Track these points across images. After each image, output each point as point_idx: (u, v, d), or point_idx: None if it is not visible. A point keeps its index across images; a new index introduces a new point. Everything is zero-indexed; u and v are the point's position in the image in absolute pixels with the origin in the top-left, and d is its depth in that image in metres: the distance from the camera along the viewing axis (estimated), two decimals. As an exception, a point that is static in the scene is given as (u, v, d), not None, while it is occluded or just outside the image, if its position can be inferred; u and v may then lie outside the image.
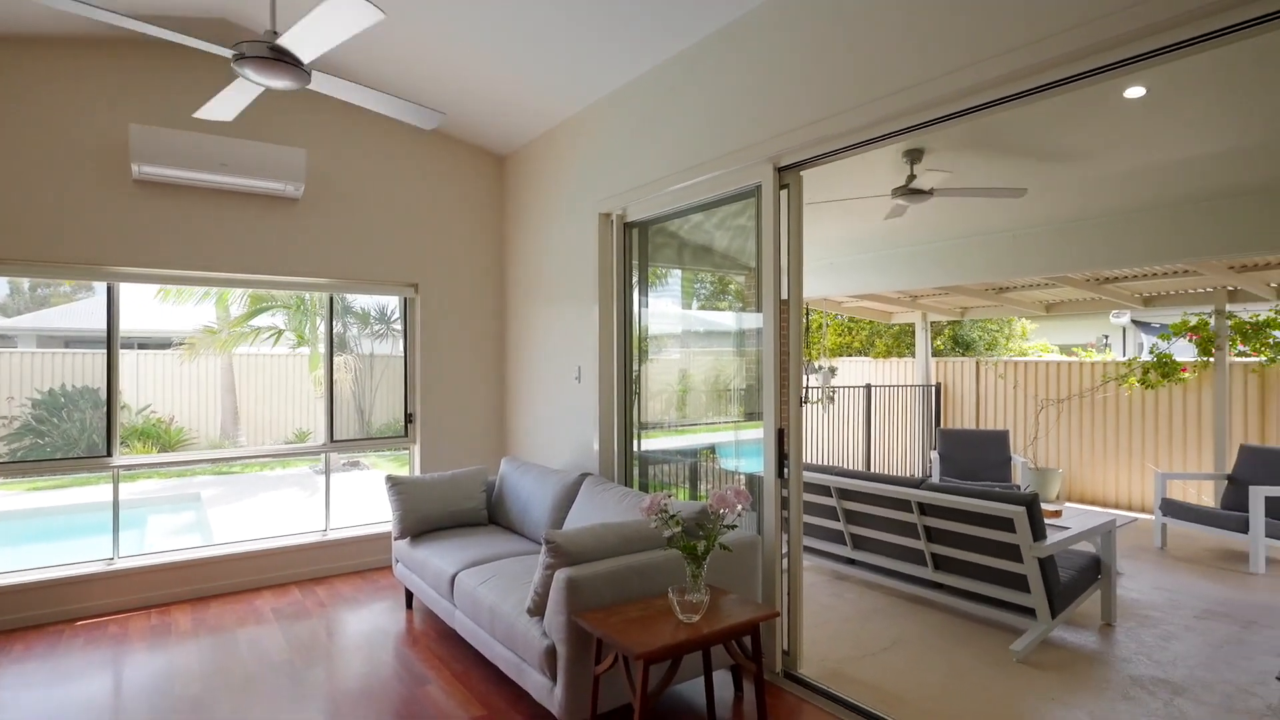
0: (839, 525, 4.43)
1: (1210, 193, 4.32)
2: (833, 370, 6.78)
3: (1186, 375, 6.56)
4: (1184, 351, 6.83)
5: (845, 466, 8.17)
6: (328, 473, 4.88)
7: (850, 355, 10.57)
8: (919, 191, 4.13)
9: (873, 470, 8.20)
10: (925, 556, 3.98)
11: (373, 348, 6.28)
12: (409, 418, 4.98)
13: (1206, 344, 6.25)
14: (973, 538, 3.70)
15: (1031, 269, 5.10)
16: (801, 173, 3.08)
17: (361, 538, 4.70)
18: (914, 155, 4.04)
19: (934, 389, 8.65)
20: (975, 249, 5.49)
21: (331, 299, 4.79)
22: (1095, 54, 2.00)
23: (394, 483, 3.95)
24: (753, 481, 3.31)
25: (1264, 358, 6.07)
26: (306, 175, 4.26)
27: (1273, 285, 5.85)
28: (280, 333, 9.62)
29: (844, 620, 3.91)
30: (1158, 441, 6.85)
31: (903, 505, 3.97)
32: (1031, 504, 3.46)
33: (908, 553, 4.11)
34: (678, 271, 4.06)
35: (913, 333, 9.01)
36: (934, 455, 6.94)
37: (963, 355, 9.55)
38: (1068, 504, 7.26)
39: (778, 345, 3.01)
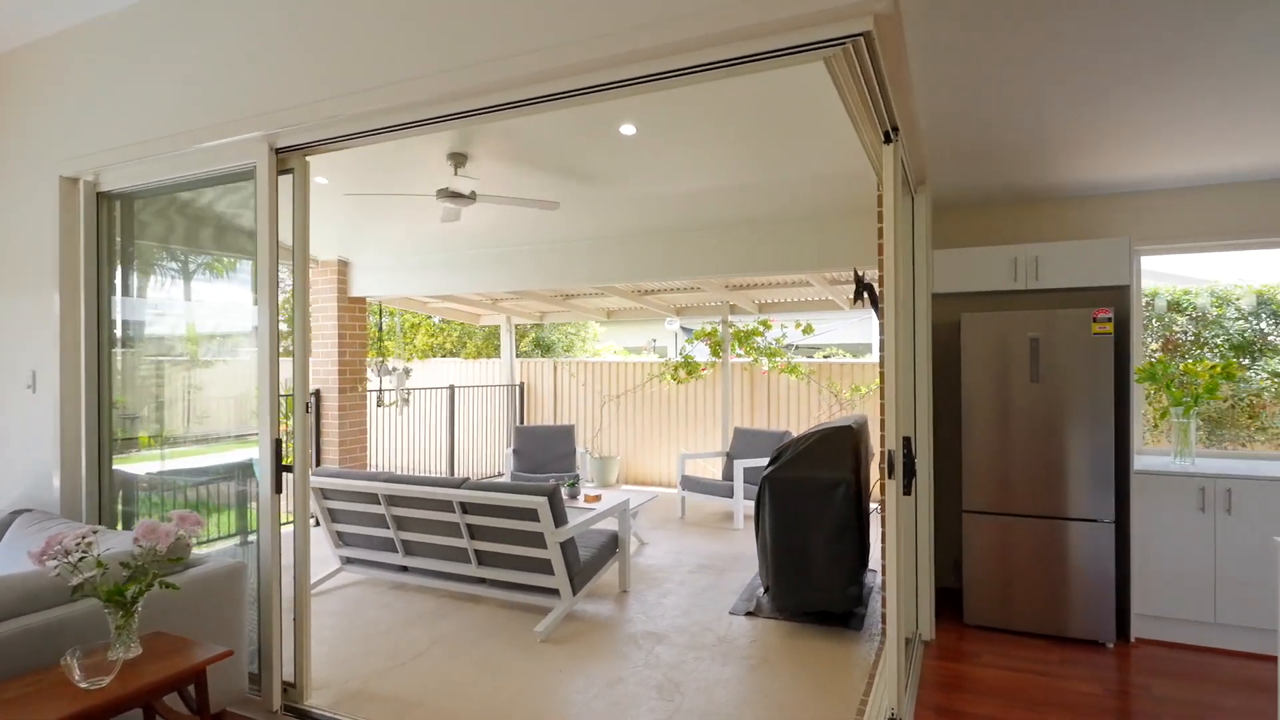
0: (390, 533, 4.27)
1: (710, 221, 5.29)
2: (407, 371, 6.61)
3: (705, 373, 8.05)
4: (706, 353, 8.36)
5: (422, 471, 8.06)
6: None
7: (443, 356, 10.58)
8: (461, 195, 4.20)
9: (457, 470, 8.27)
10: (469, 554, 4.06)
11: None
12: None
13: (716, 348, 7.75)
14: (508, 530, 3.88)
15: (577, 278, 5.65)
16: (308, 157, 2.82)
17: None
18: (458, 159, 4.09)
19: (518, 388, 9.11)
20: (533, 256, 5.87)
21: None
22: (591, 71, 2.16)
23: None
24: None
25: (751, 358, 7.78)
26: None
27: (756, 302, 7.52)
28: None
29: (385, 632, 3.75)
30: (688, 427, 8.26)
31: (446, 506, 3.98)
32: (552, 494, 3.76)
33: (454, 552, 4.14)
34: (177, 257, 3.42)
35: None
36: (510, 452, 7.28)
37: (543, 356, 10.28)
38: (625, 486, 8.31)
39: (273, 345, 2.70)
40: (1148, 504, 3.46)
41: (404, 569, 4.41)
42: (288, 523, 2.79)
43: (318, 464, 6.42)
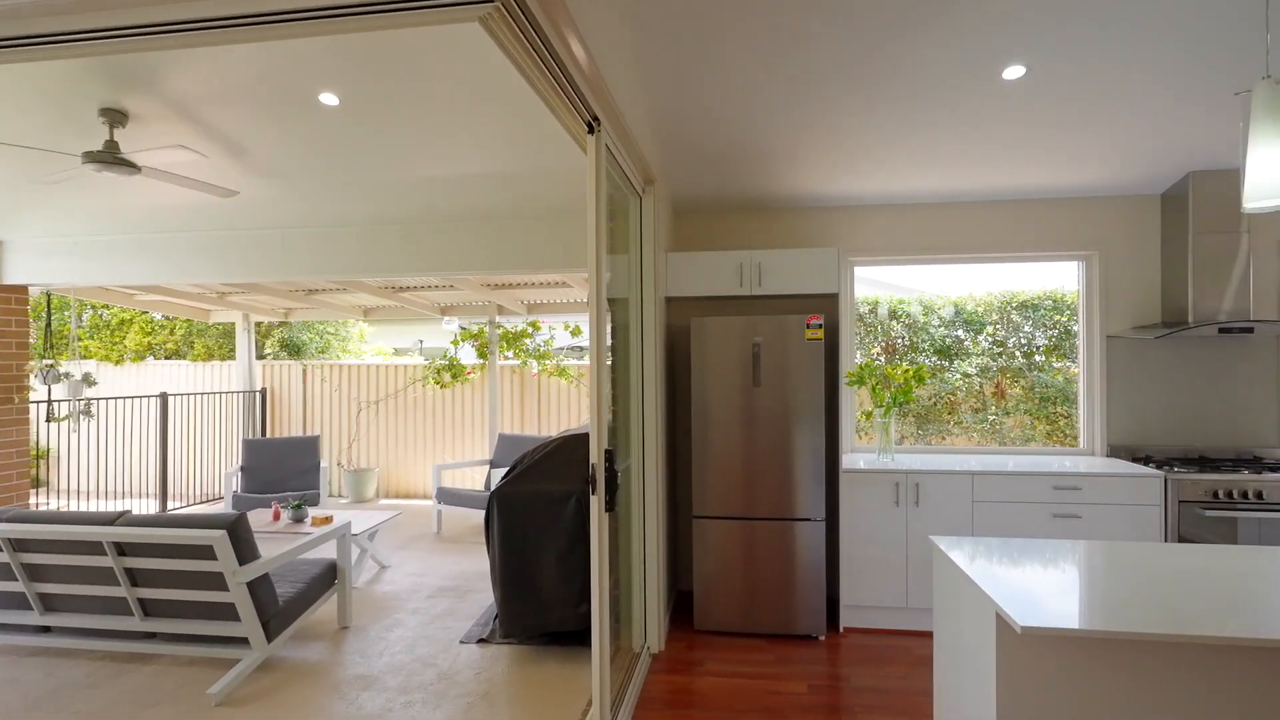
0: (19, 586, 3.35)
1: (451, 214, 4.87)
2: (88, 378, 5.42)
3: (471, 376, 7.61)
4: (474, 355, 7.92)
5: (127, 499, 6.77)
6: None
7: (164, 358, 9.03)
8: (123, 163, 3.41)
9: (172, 496, 7.03)
10: (131, 605, 3.30)
11: None
12: None
13: (483, 349, 7.35)
14: (180, 573, 3.20)
15: (302, 270, 4.96)
16: None
17: None
18: (115, 117, 3.31)
19: (259, 395, 8.00)
20: (255, 244, 5.07)
21: None
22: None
23: None
24: None
25: (520, 361, 7.48)
26: None
27: (524, 303, 7.23)
28: None
29: (7, 716, 2.91)
30: (454, 435, 7.76)
31: (96, 548, 3.20)
32: (235, 525, 3.15)
33: (113, 604, 3.35)
34: None
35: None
36: (237, 470, 6.29)
37: (290, 359, 9.17)
38: (384, 501, 7.61)
39: None
40: (854, 501, 3.68)
41: (45, 629, 3.51)
42: None
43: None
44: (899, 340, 4.60)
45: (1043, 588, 1.82)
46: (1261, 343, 3.96)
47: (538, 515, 3.46)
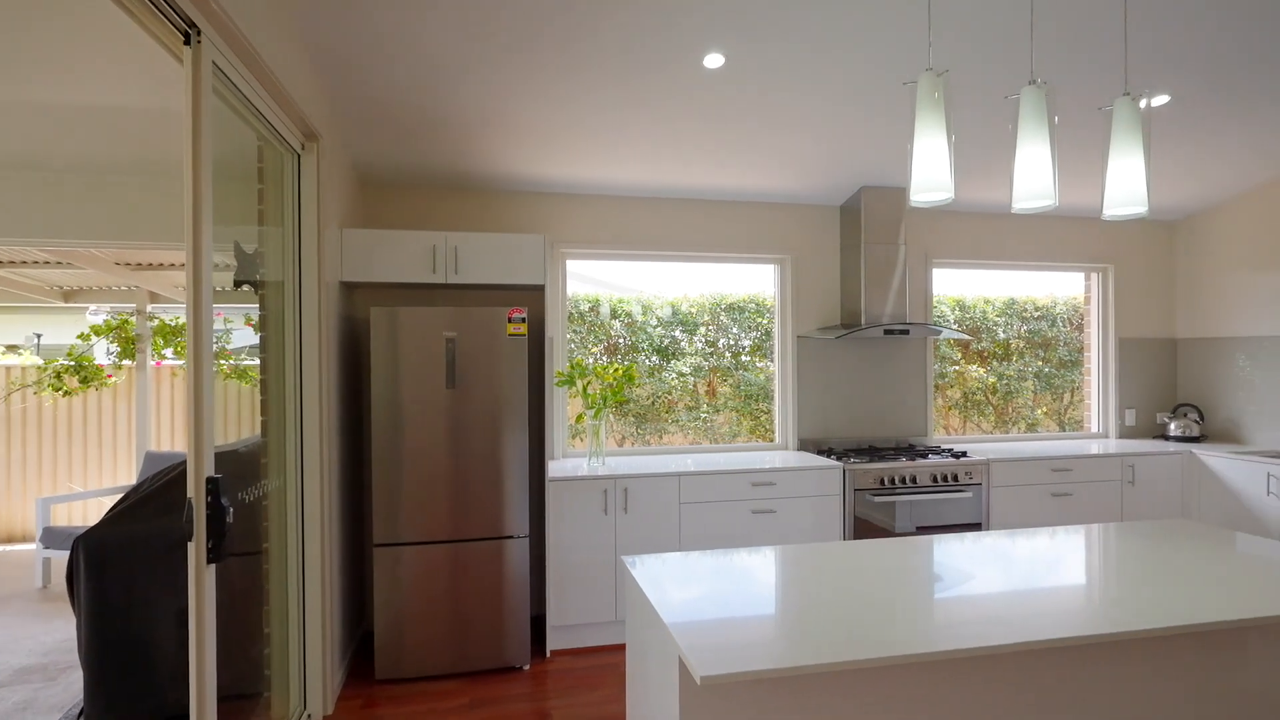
0: None
1: (79, 164, 3.62)
2: None
3: (112, 380, 6.01)
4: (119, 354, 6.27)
5: None
6: None
7: None
8: None
9: None
10: None
11: None
12: None
13: (129, 346, 5.83)
14: None
15: None
16: None
17: None
18: None
19: None
20: None
21: None
22: None
23: None
24: None
25: (184, 361, 6.09)
26: None
27: (182, 288, 5.87)
28: None
29: None
30: (86, 456, 6.07)
31: None
32: None
33: None
34: None
35: None
36: None
37: None
38: (-27, 548, 5.67)
39: None
40: (562, 511, 3.38)
41: None
42: None
43: None
44: (620, 340, 4.46)
45: (731, 624, 1.61)
46: (915, 343, 4.49)
47: (150, 563, 2.60)
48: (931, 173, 1.69)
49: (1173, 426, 4.61)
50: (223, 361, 6.11)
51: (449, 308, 3.15)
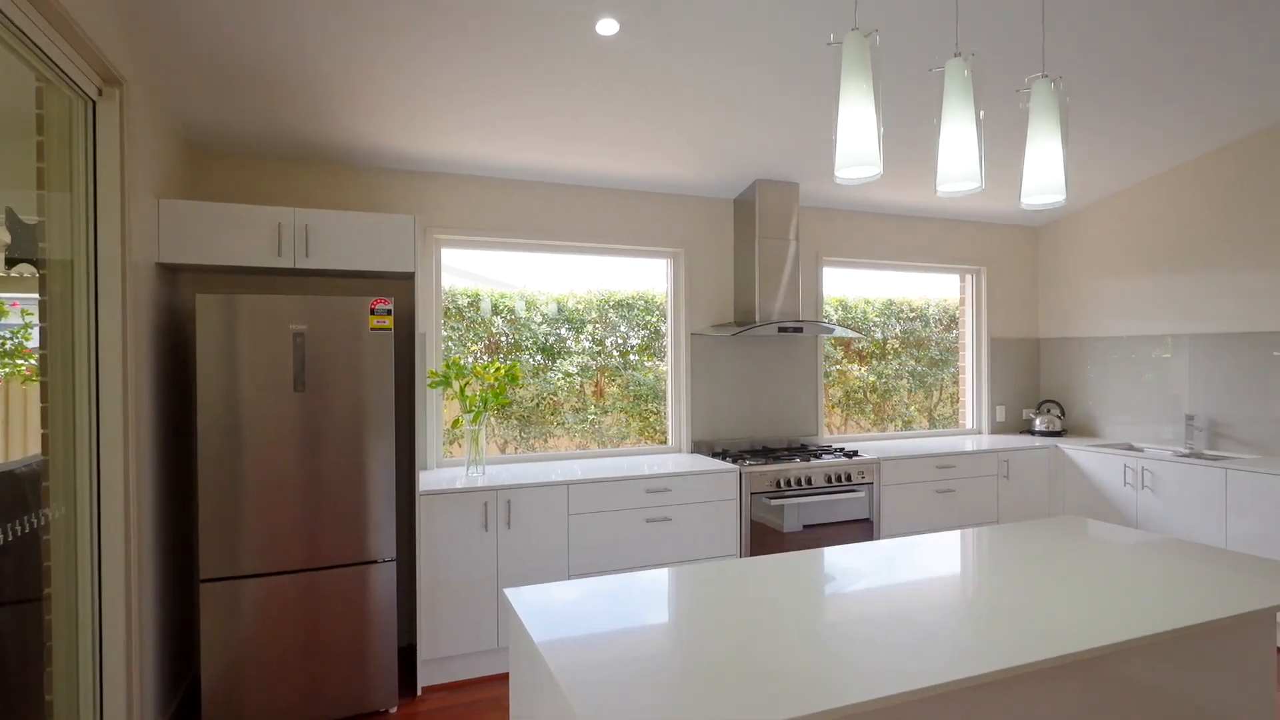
0: None
1: None
2: None
3: None
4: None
5: None
6: None
7: None
8: None
9: None
10: None
11: None
12: None
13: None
14: None
15: None
16: None
17: None
18: None
19: None
20: None
21: None
22: None
23: None
24: None
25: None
26: None
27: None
28: None
29: None
30: None
31: None
32: None
33: None
34: None
35: None
36: None
37: None
38: None
39: None
40: (435, 529, 2.99)
41: None
42: None
43: None
44: (502, 338, 4.10)
45: (627, 673, 1.34)
46: (806, 342, 4.44)
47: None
48: (858, 146, 1.50)
49: (1038, 422, 4.85)
50: (20, 361, 5.12)
51: (299, 296, 2.68)
